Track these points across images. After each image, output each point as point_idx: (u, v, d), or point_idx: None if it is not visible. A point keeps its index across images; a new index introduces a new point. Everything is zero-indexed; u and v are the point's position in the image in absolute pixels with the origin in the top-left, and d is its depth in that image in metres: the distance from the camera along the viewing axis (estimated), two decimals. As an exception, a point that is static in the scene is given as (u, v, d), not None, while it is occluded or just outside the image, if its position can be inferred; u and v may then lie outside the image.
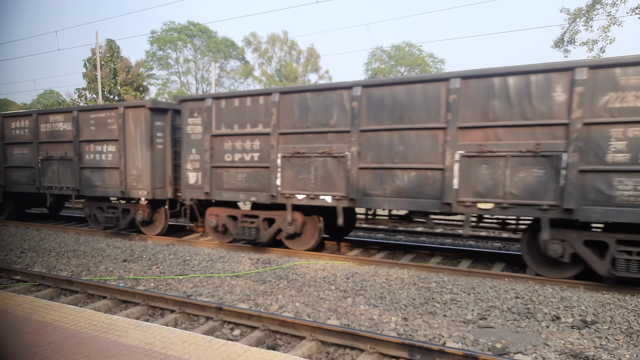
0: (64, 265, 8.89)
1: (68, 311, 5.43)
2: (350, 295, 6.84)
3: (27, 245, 10.74)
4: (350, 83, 8.26)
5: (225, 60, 60.59)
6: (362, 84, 8.19)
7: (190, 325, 5.96)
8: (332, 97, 8.45)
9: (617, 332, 5.40)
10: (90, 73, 35.04)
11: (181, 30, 57.20)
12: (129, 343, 4.45)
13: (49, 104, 59.66)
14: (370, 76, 54.69)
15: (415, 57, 54.83)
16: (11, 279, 8.04)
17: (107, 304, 6.70)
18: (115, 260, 9.21)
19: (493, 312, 6.09)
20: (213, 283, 7.57)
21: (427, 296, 6.69)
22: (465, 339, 5.21)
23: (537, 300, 6.43)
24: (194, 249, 10.02)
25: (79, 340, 4.52)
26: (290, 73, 52.72)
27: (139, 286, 7.50)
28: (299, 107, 8.78)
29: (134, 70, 36.72)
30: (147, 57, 56.83)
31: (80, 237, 11.50)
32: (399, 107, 7.88)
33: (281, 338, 5.46)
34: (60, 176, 12.30)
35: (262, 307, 6.35)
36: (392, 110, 7.94)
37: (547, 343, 5.08)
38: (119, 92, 35.89)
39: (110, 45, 36.09)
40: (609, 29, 20.98)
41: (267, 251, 9.71)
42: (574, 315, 5.92)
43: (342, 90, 8.36)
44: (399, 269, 8.12)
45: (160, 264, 8.86)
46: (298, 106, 8.79)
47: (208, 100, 9.78)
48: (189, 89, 57.48)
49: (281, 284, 7.39)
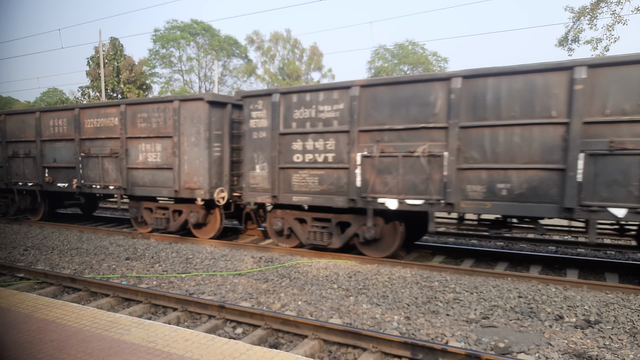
0: (67, 263, 8.91)
1: (71, 309, 5.44)
2: (353, 294, 6.84)
3: (30, 242, 10.78)
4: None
5: (228, 59, 60.61)
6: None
7: (193, 324, 5.96)
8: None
9: (621, 331, 5.38)
10: (93, 71, 35.10)
11: (184, 28, 57.24)
12: (132, 341, 4.46)
13: (52, 102, 59.84)
14: (373, 75, 54.63)
15: (419, 55, 54.75)
16: (14, 277, 8.07)
17: (110, 301, 6.72)
18: (118, 258, 9.23)
19: (496, 312, 6.07)
20: (215, 281, 7.58)
21: (429, 295, 6.67)
22: (468, 338, 5.19)
23: (540, 299, 6.41)
24: (196, 247, 10.02)
25: (81, 338, 4.52)
26: (293, 71, 52.71)
27: (141, 284, 7.51)
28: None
29: (137, 69, 36.77)
30: (150, 56, 56.90)
31: (84, 235, 11.52)
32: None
33: (283, 337, 5.46)
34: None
35: (264, 306, 6.35)
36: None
37: (551, 343, 5.06)
38: (122, 90, 35.96)
39: (114, 44, 36.15)
40: (614, 27, 20.88)
41: (269, 250, 9.71)
42: (577, 315, 5.89)
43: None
44: (402, 268, 8.10)
45: (163, 262, 8.87)
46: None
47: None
48: (192, 88, 57.51)
49: (283, 283, 7.38)
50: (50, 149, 12.65)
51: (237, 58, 60.77)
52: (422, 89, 7.68)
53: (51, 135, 12.58)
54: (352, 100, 8.20)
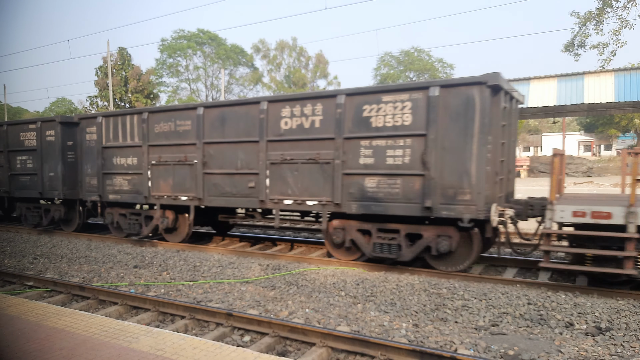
0: (75, 272, 8.96)
1: (79, 317, 5.46)
2: (361, 301, 6.81)
3: (39, 251, 10.85)
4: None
5: (234, 67, 61.01)
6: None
7: (201, 331, 5.96)
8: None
9: (633, 339, 5.31)
10: (101, 81, 35.47)
11: (191, 38, 57.76)
12: (140, 349, 4.47)
13: (61, 111, 60.38)
14: (379, 81, 54.71)
15: (425, 62, 54.81)
16: (24, 285, 8.12)
17: (118, 309, 6.74)
18: (126, 267, 9.27)
19: (505, 319, 6.02)
20: (223, 289, 7.58)
21: (438, 302, 6.63)
22: (477, 346, 5.15)
23: (550, 306, 6.35)
24: (204, 255, 10.05)
25: (90, 346, 4.54)
26: (299, 79, 52.91)
27: (149, 292, 7.54)
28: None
29: (145, 78, 37.11)
30: (158, 65, 57.42)
31: (92, 244, 11.59)
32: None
33: (291, 344, 5.44)
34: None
35: (272, 313, 6.34)
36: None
37: (561, 350, 5.01)
38: (129, 100, 36.28)
39: (122, 54, 36.54)
40: (620, 32, 20.83)
41: (276, 257, 9.71)
42: (588, 322, 5.83)
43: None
44: (410, 275, 8.06)
45: (171, 270, 8.89)
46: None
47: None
48: (199, 96, 57.87)
49: (291, 290, 7.37)
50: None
51: (244, 66, 61.18)
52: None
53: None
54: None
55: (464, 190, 7.54)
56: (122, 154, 11.49)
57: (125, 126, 11.34)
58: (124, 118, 11.37)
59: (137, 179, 11.22)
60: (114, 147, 11.60)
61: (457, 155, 7.56)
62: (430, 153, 7.69)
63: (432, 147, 7.68)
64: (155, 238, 11.68)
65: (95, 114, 12.36)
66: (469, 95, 7.43)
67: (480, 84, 7.33)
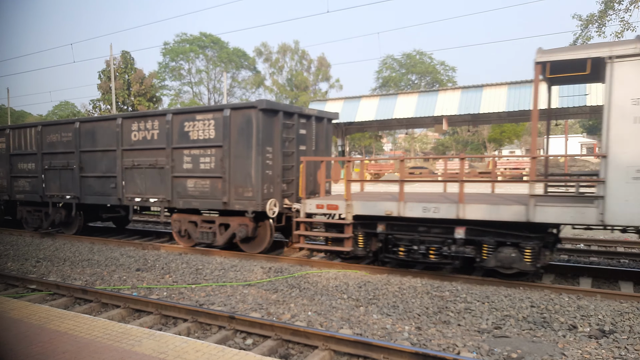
0: (78, 275, 8.98)
1: (82, 320, 5.47)
2: (363, 304, 6.80)
3: (42, 254, 10.88)
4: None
5: (236, 71, 61.13)
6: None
7: (203, 335, 5.96)
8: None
9: (637, 341, 5.28)
10: (104, 84, 35.63)
11: (193, 41, 57.91)
12: (143, 352, 4.47)
13: (64, 115, 60.59)
14: (381, 84, 54.71)
15: (427, 65, 54.82)
16: (26, 288, 8.14)
17: (121, 313, 6.74)
18: (128, 270, 9.28)
19: (508, 322, 6.00)
20: (225, 292, 7.59)
21: (440, 305, 6.62)
22: (480, 349, 5.14)
23: (553, 309, 6.33)
24: (206, 258, 10.05)
25: (93, 350, 4.55)
26: (301, 82, 52.98)
27: (152, 295, 7.54)
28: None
29: (147, 81, 37.25)
30: (160, 68, 57.57)
31: (94, 247, 11.61)
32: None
33: (294, 347, 5.44)
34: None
35: (274, 316, 6.34)
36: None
37: (564, 353, 4.99)
38: (132, 103, 36.40)
39: (125, 57, 36.70)
40: (622, 34, 20.79)
41: (279, 260, 9.71)
42: (591, 325, 5.80)
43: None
44: (412, 278, 8.06)
45: (173, 273, 8.90)
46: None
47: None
48: (201, 99, 57.99)
49: (293, 293, 7.37)
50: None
51: (246, 70, 61.29)
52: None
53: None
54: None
55: (248, 188, 9.76)
56: (24, 160, 14.00)
57: (26, 137, 13.82)
58: (25, 130, 13.83)
59: (35, 181, 13.65)
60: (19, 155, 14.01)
61: (243, 162, 9.78)
62: (226, 160, 9.93)
63: (226, 156, 9.92)
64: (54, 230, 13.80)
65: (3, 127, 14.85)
66: (249, 116, 9.67)
67: (255, 108, 9.58)
